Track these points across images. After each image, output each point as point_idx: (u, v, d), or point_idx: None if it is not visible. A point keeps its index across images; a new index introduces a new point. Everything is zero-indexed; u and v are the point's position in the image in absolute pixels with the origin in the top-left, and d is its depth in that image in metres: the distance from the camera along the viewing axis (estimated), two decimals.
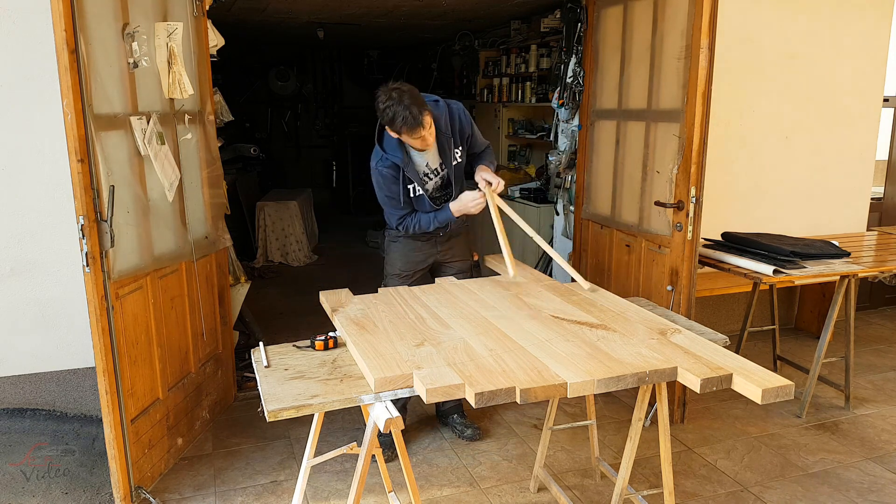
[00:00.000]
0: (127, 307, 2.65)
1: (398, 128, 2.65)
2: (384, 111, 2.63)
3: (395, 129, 2.68)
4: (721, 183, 4.18)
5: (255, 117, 9.59)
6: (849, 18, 4.35)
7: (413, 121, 2.60)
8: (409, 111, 2.59)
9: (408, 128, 2.63)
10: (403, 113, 2.59)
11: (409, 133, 2.66)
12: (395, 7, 5.29)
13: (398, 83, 2.67)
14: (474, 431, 3.25)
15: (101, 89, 2.47)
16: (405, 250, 3.09)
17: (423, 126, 2.64)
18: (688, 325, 2.29)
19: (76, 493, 2.79)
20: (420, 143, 2.74)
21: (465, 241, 3.24)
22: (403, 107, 2.58)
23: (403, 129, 2.65)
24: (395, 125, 2.64)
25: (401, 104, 2.58)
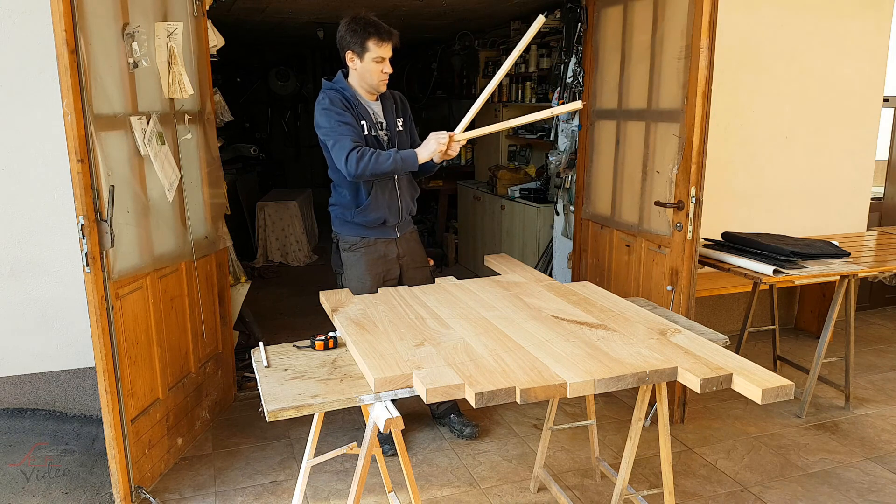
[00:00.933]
0: (127, 307, 2.65)
1: (366, 41, 2.70)
2: (353, 28, 2.69)
3: (362, 44, 2.71)
4: (721, 183, 4.18)
5: (255, 117, 9.59)
6: (849, 18, 4.35)
7: (384, 33, 2.70)
8: (381, 25, 2.69)
9: (380, 40, 2.69)
10: (380, 26, 2.69)
11: (378, 46, 2.70)
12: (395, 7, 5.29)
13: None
14: (473, 429, 3.24)
15: (101, 89, 2.47)
16: (366, 262, 2.93)
17: (391, 41, 2.72)
18: (688, 325, 2.29)
19: (76, 493, 2.79)
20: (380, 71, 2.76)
21: (419, 244, 3.19)
22: (376, 22, 2.70)
23: (373, 41, 2.70)
24: (366, 38, 2.69)
25: (372, 20, 2.70)
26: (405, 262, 3.07)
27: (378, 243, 2.98)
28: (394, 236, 3.02)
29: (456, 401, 3.20)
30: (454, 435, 3.25)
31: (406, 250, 3.07)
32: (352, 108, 2.83)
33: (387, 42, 2.73)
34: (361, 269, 2.96)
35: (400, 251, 3.04)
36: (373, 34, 2.69)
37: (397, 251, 3.04)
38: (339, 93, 2.84)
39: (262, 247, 6.86)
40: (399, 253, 3.04)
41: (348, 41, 2.76)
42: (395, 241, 3.03)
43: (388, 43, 2.73)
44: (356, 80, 2.87)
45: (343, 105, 2.80)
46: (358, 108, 2.85)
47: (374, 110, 2.92)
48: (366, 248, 2.97)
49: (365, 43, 2.71)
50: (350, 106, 2.83)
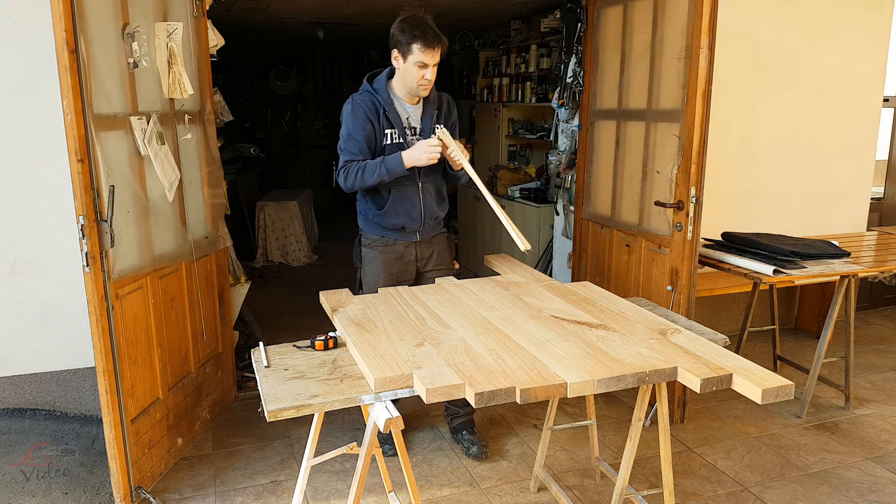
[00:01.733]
0: (127, 307, 2.65)
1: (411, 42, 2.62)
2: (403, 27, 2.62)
3: (407, 45, 2.63)
4: (721, 183, 4.18)
5: (255, 117, 9.59)
6: (849, 19, 4.35)
7: (431, 40, 2.60)
8: (430, 31, 2.61)
9: (424, 45, 2.61)
10: (429, 31, 2.60)
11: (422, 51, 2.62)
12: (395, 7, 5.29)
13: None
14: (480, 449, 3.09)
15: (101, 89, 2.47)
16: (383, 261, 2.93)
17: (435, 50, 2.63)
18: (688, 325, 2.29)
19: (76, 493, 2.79)
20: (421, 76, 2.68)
21: (445, 247, 3.09)
22: (427, 26, 2.62)
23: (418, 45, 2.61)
24: (410, 39, 2.61)
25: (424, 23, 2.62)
26: (424, 264, 3.01)
27: (397, 244, 2.94)
28: (414, 239, 2.95)
29: (471, 418, 3.20)
30: (462, 451, 3.14)
31: (427, 253, 3.00)
32: (377, 116, 2.77)
33: (432, 48, 2.63)
34: (377, 266, 2.94)
35: (419, 254, 2.98)
36: (419, 38, 2.61)
37: (416, 254, 2.98)
38: (370, 96, 2.78)
39: (262, 247, 6.86)
40: (417, 255, 2.98)
41: (396, 39, 2.68)
42: (414, 245, 2.96)
43: (433, 49, 2.63)
44: (398, 81, 2.79)
45: (365, 114, 2.76)
46: (389, 113, 2.78)
47: (410, 114, 2.85)
48: (384, 248, 2.94)
49: (410, 45, 2.63)
50: (376, 113, 2.77)
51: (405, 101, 2.83)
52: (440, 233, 3.09)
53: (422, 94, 2.79)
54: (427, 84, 2.73)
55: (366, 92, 2.80)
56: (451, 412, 3.22)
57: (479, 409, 3.49)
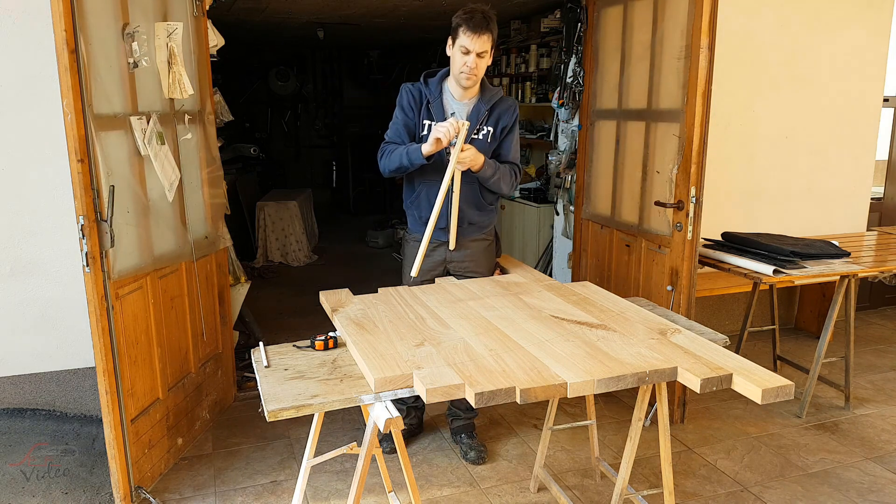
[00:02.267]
0: (127, 307, 2.65)
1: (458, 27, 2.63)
2: (463, 10, 2.64)
3: (455, 30, 2.66)
4: (721, 183, 4.18)
5: (255, 117, 9.59)
6: (849, 19, 4.35)
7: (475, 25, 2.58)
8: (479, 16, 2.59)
9: (468, 29, 2.60)
10: (475, 16, 2.59)
11: (465, 34, 2.61)
12: (395, 7, 5.29)
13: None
14: (478, 454, 3.07)
15: (101, 89, 2.47)
16: (410, 255, 2.93)
17: (479, 36, 2.59)
18: (688, 325, 2.29)
19: (76, 493, 2.79)
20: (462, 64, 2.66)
21: (485, 254, 2.97)
22: (477, 12, 2.61)
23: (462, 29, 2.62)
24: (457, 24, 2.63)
25: (476, 10, 2.61)
26: (455, 267, 2.92)
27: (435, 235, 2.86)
28: (443, 238, 2.86)
29: (472, 422, 3.19)
30: (460, 455, 3.13)
31: (458, 257, 2.91)
32: (419, 107, 2.80)
33: (475, 33, 2.59)
34: (410, 257, 2.91)
35: (449, 256, 2.91)
36: (465, 20, 2.61)
37: (446, 256, 2.91)
38: (419, 85, 2.82)
39: (262, 247, 6.86)
40: (447, 258, 2.92)
41: (452, 26, 2.69)
42: (444, 245, 2.88)
43: (476, 35, 2.59)
44: (452, 73, 2.80)
45: (409, 103, 2.81)
46: (433, 106, 2.78)
47: (457, 110, 2.79)
48: (414, 243, 2.88)
49: (457, 28, 2.64)
50: (419, 104, 2.80)
51: (456, 97, 2.81)
52: (479, 239, 2.96)
53: (464, 83, 2.73)
54: (468, 72, 2.68)
55: (418, 83, 2.84)
56: (452, 413, 3.22)
57: (480, 409, 3.49)
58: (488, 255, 3.00)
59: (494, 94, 2.84)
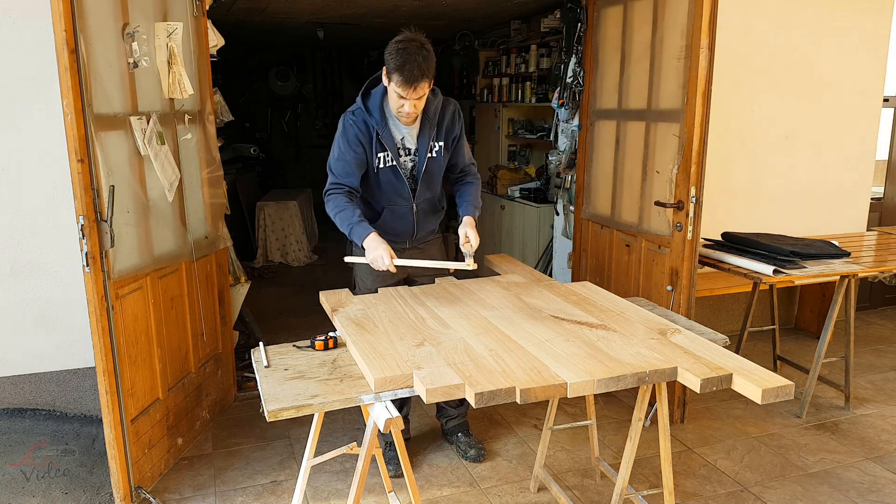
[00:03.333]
0: (127, 307, 2.65)
1: (392, 72, 2.45)
2: (393, 50, 2.44)
3: (389, 72, 2.48)
4: (721, 183, 4.18)
5: (255, 117, 9.59)
6: (849, 18, 4.35)
7: (409, 76, 2.42)
8: (414, 66, 2.41)
9: (401, 80, 2.43)
10: (409, 65, 2.41)
11: (398, 86, 2.46)
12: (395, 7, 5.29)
13: (423, 38, 2.49)
14: (478, 452, 3.07)
15: (101, 89, 2.47)
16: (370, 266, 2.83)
17: (414, 89, 2.45)
18: (688, 325, 2.29)
19: (76, 493, 2.79)
20: (399, 106, 2.54)
21: (438, 251, 2.98)
22: (411, 60, 2.41)
23: (396, 78, 2.44)
24: (391, 69, 2.45)
25: (410, 55, 2.41)
26: (414, 270, 2.88)
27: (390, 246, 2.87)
28: (404, 246, 2.88)
29: (466, 419, 3.18)
30: (458, 455, 3.12)
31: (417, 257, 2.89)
32: (370, 140, 2.65)
33: (409, 86, 2.46)
34: (364, 267, 2.86)
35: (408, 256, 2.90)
36: (398, 70, 2.44)
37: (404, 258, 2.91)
38: (363, 117, 2.65)
39: (262, 247, 6.86)
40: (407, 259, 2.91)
41: (385, 58, 2.50)
42: (403, 251, 2.88)
43: (410, 87, 2.46)
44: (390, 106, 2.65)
45: (357, 138, 2.65)
46: (383, 136, 2.66)
47: (406, 135, 2.72)
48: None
49: (391, 73, 2.48)
50: (368, 137, 2.65)
51: (402, 121, 2.67)
52: (433, 238, 3.01)
53: (403, 121, 2.65)
54: (406, 115, 2.59)
55: (359, 111, 2.67)
56: (444, 414, 3.18)
57: (479, 409, 3.49)
58: (441, 250, 3.02)
59: (436, 106, 2.71)
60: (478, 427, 3.37)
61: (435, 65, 2.52)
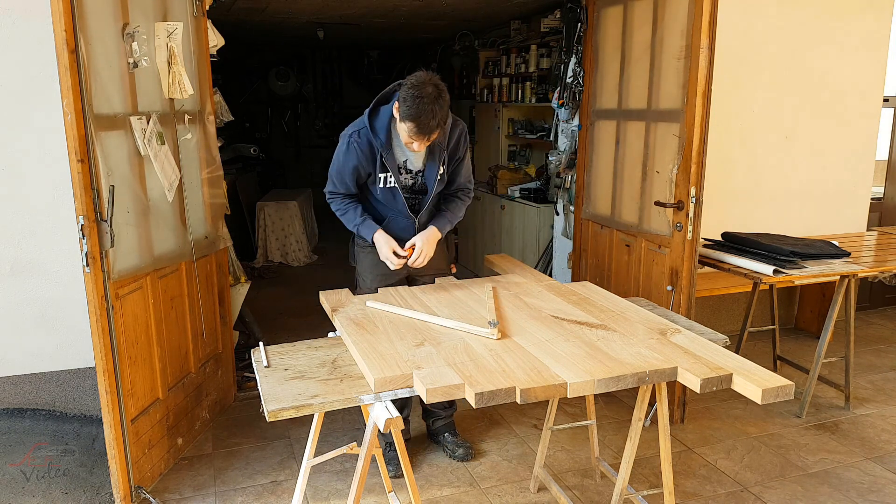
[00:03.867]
0: (127, 307, 2.65)
1: (405, 119, 2.43)
2: (409, 97, 2.40)
3: (402, 117, 2.45)
4: (721, 183, 4.18)
5: (255, 117, 9.59)
6: (849, 18, 4.35)
7: (423, 127, 2.42)
8: (429, 117, 2.40)
9: (415, 129, 2.43)
10: (424, 117, 2.39)
11: (410, 132, 2.47)
12: (395, 7, 5.29)
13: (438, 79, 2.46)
14: (466, 451, 3.07)
15: (101, 89, 2.47)
16: (374, 261, 2.84)
17: (426, 138, 2.48)
18: (688, 325, 2.29)
19: (76, 493, 2.79)
20: (409, 143, 2.55)
21: (440, 252, 2.93)
22: (427, 111, 2.39)
23: (409, 125, 2.43)
24: (405, 116, 2.43)
25: (429, 104, 2.39)
26: (415, 269, 2.89)
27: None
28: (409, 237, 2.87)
29: (453, 419, 3.17)
30: (447, 455, 3.11)
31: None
32: (373, 162, 2.65)
33: (422, 136, 2.47)
34: (366, 266, 2.92)
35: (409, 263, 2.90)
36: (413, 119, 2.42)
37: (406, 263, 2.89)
38: (368, 138, 2.62)
39: (262, 247, 6.86)
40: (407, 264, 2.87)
41: (401, 97, 2.45)
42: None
43: (423, 137, 2.47)
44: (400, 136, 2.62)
45: (359, 160, 2.64)
46: (387, 159, 2.64)
47: (410, 158, 2.70)
48: (371, 249, 2.85)
49: (405, 119, 2.44)
50: (372, 159, 2.64)
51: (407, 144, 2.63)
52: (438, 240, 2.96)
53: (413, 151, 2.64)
54: (415, 150, 2.60)
55: (365, 131, 2.63)
56: (431, 415, 3.15)
57: (480, 409, 3.49)
58: (442, 251, 2.99)
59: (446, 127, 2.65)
60: (478, 427, 3.37)
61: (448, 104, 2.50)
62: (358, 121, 2.69)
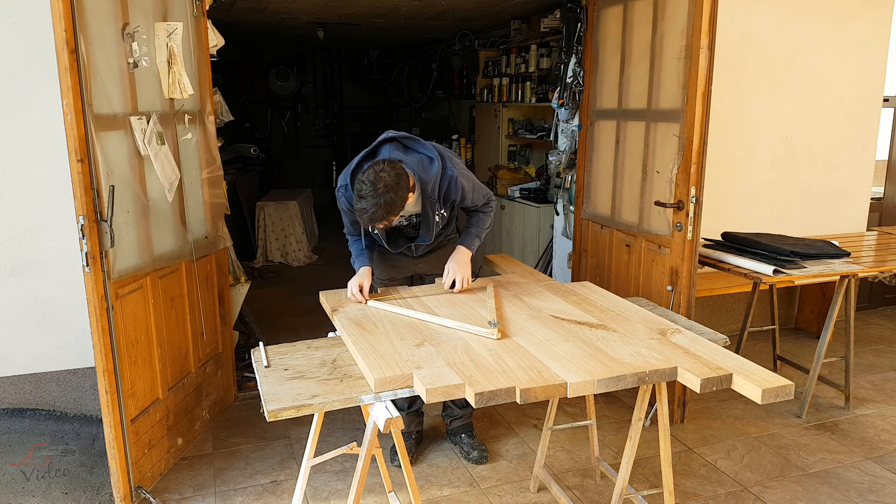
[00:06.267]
0: (127, 307, 2.65)
1: (359, 212, 2.38)
2: (358, 192, 2.35)
3: (358, 212, 2.39)
4: (721, 183, 4.18)
5: (255, 117, 9.59)
6: (849, 18, 4.35)
7: (370, 219, 2.38)
8: (376, 209, 2.33)
9: (366, 221, 2.41)
10: (371, 209, 2.33)
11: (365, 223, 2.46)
12: (395, 7, 5.29)
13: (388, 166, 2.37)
14: (481, 454, 3.08)
15: (101, 89, 2.47)
16: (380, 260, 2.90)
17: (381, 221, 2.40)
18: (688, 325, 2.29)
19: (76, 493, 2.79)
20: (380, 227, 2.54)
21: (444, 256, 2.90)
22: (374, 203, 2.31)
23: (362, 219, 2.41)
24: (358, 210, 2.37)
25: (375, 198, 2.31)
26: (421, 268, 2.94)
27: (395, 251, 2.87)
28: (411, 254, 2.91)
29: (471, 420, 3.19)
30: (461, 456, 3.12)
31: (425, 260, 2.94)
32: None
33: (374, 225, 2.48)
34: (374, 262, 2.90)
35: (416, 261, 2.94)
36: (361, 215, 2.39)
37: (412, 262, 2.94)
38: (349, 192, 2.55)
39: (262, 247, 6.86)
40: (415, 262, 2.94)
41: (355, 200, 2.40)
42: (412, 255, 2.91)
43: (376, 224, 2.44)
44: None
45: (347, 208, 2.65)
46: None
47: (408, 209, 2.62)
48: (379, 249, 2.89)
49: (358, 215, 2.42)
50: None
51: None
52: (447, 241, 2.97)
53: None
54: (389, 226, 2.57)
55: (348, 187, 2.57)
56: (449, 413, 3.21)
57: (479, 408, 3.49)
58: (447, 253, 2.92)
59: (433, 184, 2.56)
60: (478, 427, 3.37)
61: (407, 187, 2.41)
62: (345, 173, 2.61)
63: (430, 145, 2.62)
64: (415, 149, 2.60)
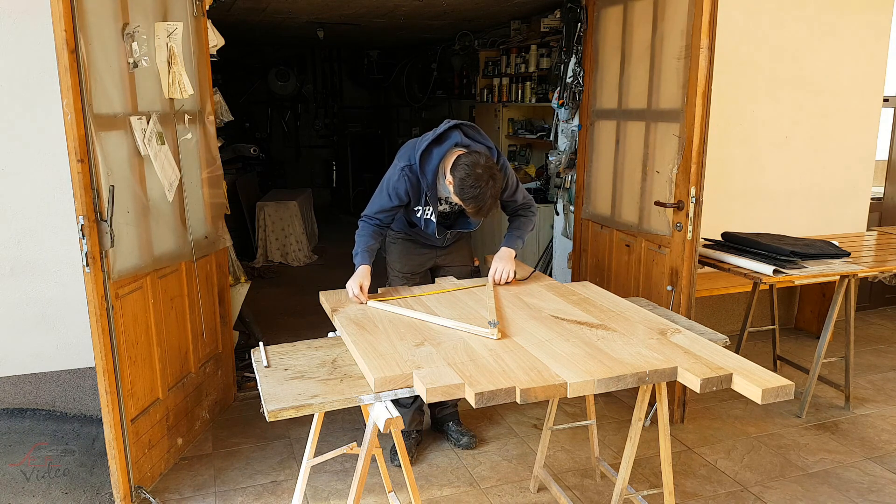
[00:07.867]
0: (127, 307, 2.65)
1: (465, 199, 2.49)
2: (470, 182, 2.44)
3: (462, 197, 2.50)
4: (721, 183, 4.18)
5: (255, 117, 9.59)
6: (849, 18, 4.35)
7: (478, 211, 2.51)
8: (488, 202, 2.47)
9: (472, 208, 2.51)
10: (481, 200, 2.46)
11: (469, 211, 2.55)
12: (395, 7, 5.29)
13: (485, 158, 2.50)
14: (471, 439, 3.18)
15: (101, 89, 2.47)
16: (404, 252, 3.01)
17: (490, 210, 2.55)
18: (688, 325, 2.29)
19: (76, 493, 2.79)
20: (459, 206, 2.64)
21: (465, 247, 3.13)
22: (485, 196, 2.45)
23: (467, 202, 2.50)
24: (465, 199, 2.48)
25: (488, 191, 2.45)
26: (443, 259, 3.04)
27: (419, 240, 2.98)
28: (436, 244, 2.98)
29: (457, 409, 3.22)
30: (451, 444, 3.21)
31: (447, 251, 3.04)
32: (418, 196, 2.70)
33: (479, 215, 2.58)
34: (395, 255, 3.03)
35: (439, 251, 3.03)
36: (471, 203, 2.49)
37: (435, 251, 3.02)
38: (416, 173, 2.66)
39: (262, 247, 6.86)
40: (438, 253, 3.03)
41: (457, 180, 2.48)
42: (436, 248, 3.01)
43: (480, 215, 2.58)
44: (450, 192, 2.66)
45: (407, 191, 2.68)
46: (430, 196, 2.69)
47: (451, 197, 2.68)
48: (404, 239, 2.99)
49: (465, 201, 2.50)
50: (418, 194, 2.70)
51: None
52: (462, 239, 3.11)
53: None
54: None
55: (416, 168, 2.66)
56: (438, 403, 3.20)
57: (480, 409, 3.49)
58: (466, 246, 3.15)
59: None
60: (478, 427, 3.37)
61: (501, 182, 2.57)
62: (409, 154, 2.69)
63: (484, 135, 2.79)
64: (475, 138, 2.73)
